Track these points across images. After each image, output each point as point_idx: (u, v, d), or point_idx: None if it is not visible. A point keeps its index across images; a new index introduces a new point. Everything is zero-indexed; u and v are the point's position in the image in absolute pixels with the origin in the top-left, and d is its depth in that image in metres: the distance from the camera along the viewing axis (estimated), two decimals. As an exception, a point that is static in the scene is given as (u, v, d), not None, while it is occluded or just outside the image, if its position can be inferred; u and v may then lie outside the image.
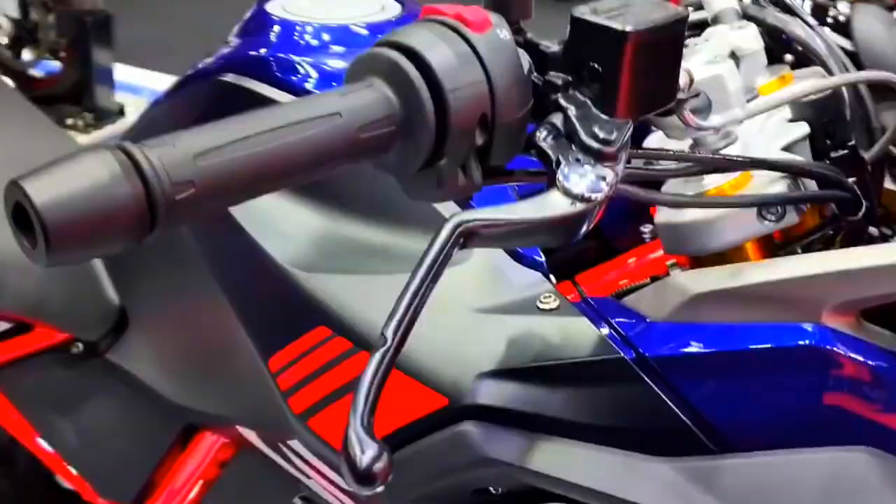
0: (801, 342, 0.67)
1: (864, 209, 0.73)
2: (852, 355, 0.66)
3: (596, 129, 0.58)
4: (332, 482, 0.83)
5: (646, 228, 0.91)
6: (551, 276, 0.78)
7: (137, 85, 3.24)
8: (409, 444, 0.75)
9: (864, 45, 0.82)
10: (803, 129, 0.76)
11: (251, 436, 0.91)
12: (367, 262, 0.81)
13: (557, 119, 0.59)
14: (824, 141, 0.77)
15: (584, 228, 0.58)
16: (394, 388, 0.74)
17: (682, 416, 0.69)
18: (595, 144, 0.57)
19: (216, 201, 0.50)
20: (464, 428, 0.72)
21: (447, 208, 0.80)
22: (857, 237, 0.75)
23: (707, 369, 0.69)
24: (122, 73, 3.15)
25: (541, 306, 0.75)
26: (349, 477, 0.49)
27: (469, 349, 0.74)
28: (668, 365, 0.69)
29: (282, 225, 0.85)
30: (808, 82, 0.75)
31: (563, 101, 0.59)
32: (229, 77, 0.92)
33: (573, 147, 0.58)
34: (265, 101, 0.88)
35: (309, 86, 0.89)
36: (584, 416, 0.71)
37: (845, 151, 0.76)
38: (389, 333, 0.51)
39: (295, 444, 0.83)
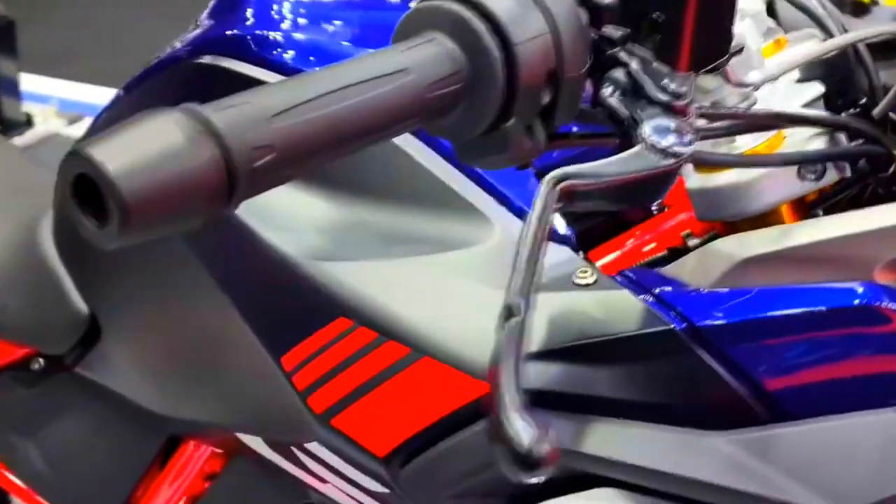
0: (855, 301, 0.65)
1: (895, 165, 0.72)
2: (908, 310, 0.65)
3: (664, 83, 0.55)
4: (354, 483, 0.78)
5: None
6: (580, 252, 0.75)
7: (45, 94, 3.10)
8: (452, 435, 0.70)
9: None
10: (818, 88, 0.75)
11: (254, 442, 0.86)
12: (381, 247, 0.76)
13: (619, 74, 0.56)
14: (836, 100, 0.76)
15: (670, 185, 0.55)
16: (433, 378, 0.70)
17: (735, 385, 0.66)
18: (666, 98, 0.55)
19: (294, 167, 0.45)
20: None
21: (448, 183, 0.77)
22: (883, 195, 0.74)
23: (760, 335, 0.66)
24: (28, 82, 3.01)
25: (577, 282, 0.71)
26: (511, 467, 0.44)
27: None
28: (719, 333, 0.66)
29: (283, 215, 0.79)
30: (826, 42, 0.74)
31: (623, 56, 0.56)
32: (206, 59, 0.86)
33: (644, 103, 0.55)
34: (249, 82, 0.83)
35: (293, 62, 0.84)
36: (635, 394, 0.68)
37: (857, 110, 0.75)
38: (517, 302, 0.47)
39: (313, 446, 0.78)
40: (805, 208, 0.73)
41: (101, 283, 0.97)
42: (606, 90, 0.56)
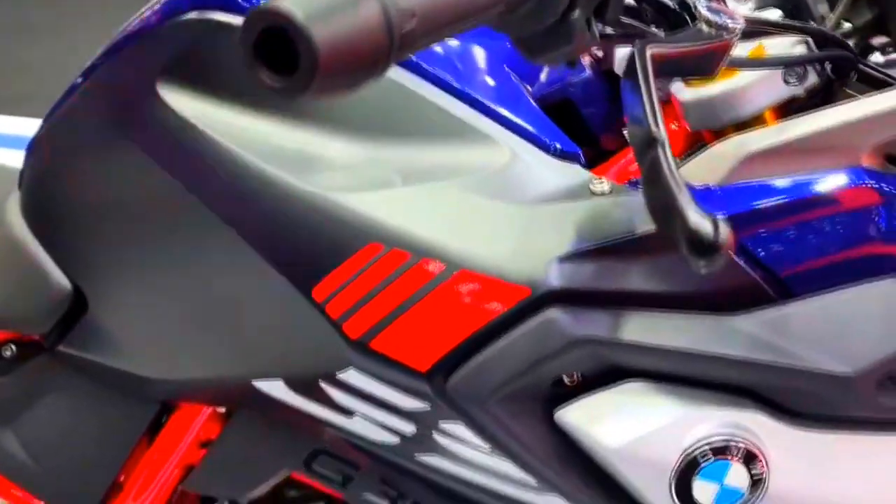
0: (850, 184, 0.73)
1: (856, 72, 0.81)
2: (892, 188, 0.73)
3: None
4: (387, 407, 0.80)
5: (626, 131, 0.95)
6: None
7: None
8: (494, 343, 0.74)
9: None
10: (776, 13, 0.83)
11: (272, 387, 0.86)
12: (399, 179, 0.79)
13: None
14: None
15: (724, 60, 0.61)
16: (471, 289, 0.74)
17: (749, 270, 0.73)
18: None
19: (429, 36, 0.48)
20: (550, 314, 0.73)
21: (453, 112, 0.81)
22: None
23: (769, 222, 0.73)
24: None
25: (594, 190, 0.77)
26: (693, 256, 0.50)
27: (538, 239, 0.75)
28: (734, 223, 0.72)
29: (296, 155, 0.81)
30: None
31: None
32: (193, 15, 0.87)
33: None
34: None
35: None
36: (660, 286, 0.73)
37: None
38: (655, 131, 0.53)
39: (347, 374, 0.80)
40: (784, 115, 0.81)
41: (87, 255, 0.96)
42: None
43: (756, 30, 0.76)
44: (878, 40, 0.90)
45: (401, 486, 0.91)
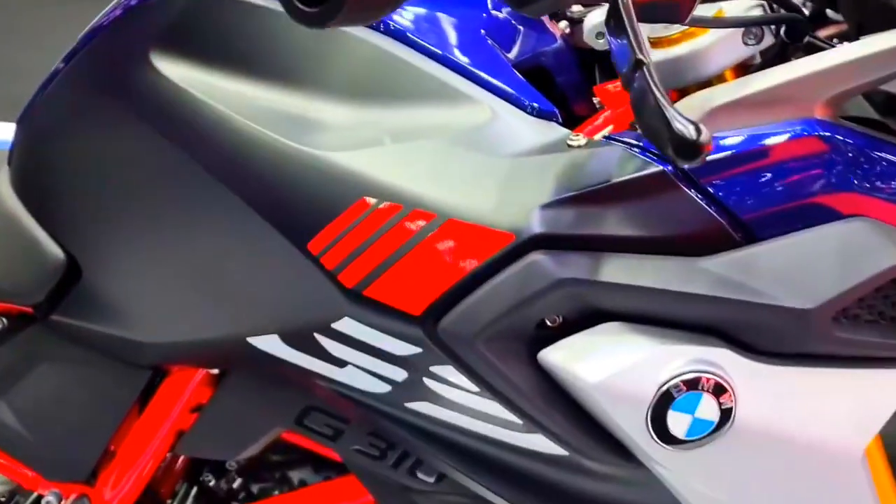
0: (802, 134, 0.79)
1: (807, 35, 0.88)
2: (842, 138, 0.80)
3: None
4: (380, 354, 0.85)
5: (595, 100, 1.02)
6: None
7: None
8: (482, 286, 0.79)
9: None
10: None
11: (266, 343, 0.91)
12: (387, 138, 0.84)
13: None
14: None
15: (694, 8, 0.67)
16: (459, 236, 0.79)
17: (716, 215, 0.79)
18: None
19: None
20: (533, 258, 0.78)
21: (433, 74, 0.86)
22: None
23: (733, 170, 0.79)
24: None
25: (571, 144, 0.82)
26: (680, 157, 0.56)
27: (520, 189, 0.80)
28: (701, 172, 0.79)
29: (286, 117, 0.86)
30: None
31: None
32: None
33: None
34: (249, 9, 0.89)
35: None
36: (636, 231, 0.79)
37: None
38: (640, 56, 0.59)
39: (342, 324, 0.84)
40: (743, 75, 0.87)
41: (81, 222, 0.99)
42: None
43: None
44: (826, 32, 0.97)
45: (390, 436, 0.95)
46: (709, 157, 0.79)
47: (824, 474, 0.85)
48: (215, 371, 1.03)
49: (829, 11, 0.94)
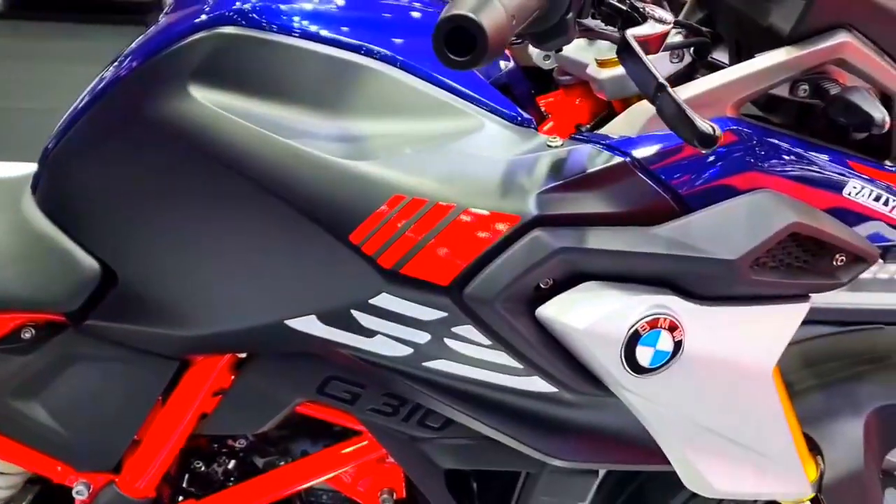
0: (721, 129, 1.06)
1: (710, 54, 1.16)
2: (748, 131, 1.06)
3: None
4: (407, 321, 1.04)
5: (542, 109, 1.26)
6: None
7: None
8: (495, 259, 1.01)
9: None
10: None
11: (302, 324, 1.08)
12: (407, 145, 1.05)
13: None
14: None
15: (664, 42, 0.92)
16: (476, 222, 1.01)
17: (663, 194, 1.04)
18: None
19: (516, 28, 0.76)
20: (535, 234, 1.01)
21: (432, 94, 1.08)
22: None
23: (672, 158, 1.04)
24: None
25: (550, 144, 1.06)
26: (703, 144, 0.83)
27: (518, 180, 1.02)
28: (651, 161, 1.04)
29: (321, 134, 1.05)
30: None
31: None
32: (229, 30, 1.07)
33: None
34: (274, 46, 1.07)
35: (308, 28, 1.08)
36: (608, 208, 1.03)
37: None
38: (661, 80, 0.82)
39: (379, 299, 1.03)
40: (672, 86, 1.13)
41: (118, 232, 1.12)
42: None
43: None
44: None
45: (404, 392, 1.15)
46: (654, 149, 1.04)
47: (747, 388, 1.12)
48: (243, 355, 1.19)
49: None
